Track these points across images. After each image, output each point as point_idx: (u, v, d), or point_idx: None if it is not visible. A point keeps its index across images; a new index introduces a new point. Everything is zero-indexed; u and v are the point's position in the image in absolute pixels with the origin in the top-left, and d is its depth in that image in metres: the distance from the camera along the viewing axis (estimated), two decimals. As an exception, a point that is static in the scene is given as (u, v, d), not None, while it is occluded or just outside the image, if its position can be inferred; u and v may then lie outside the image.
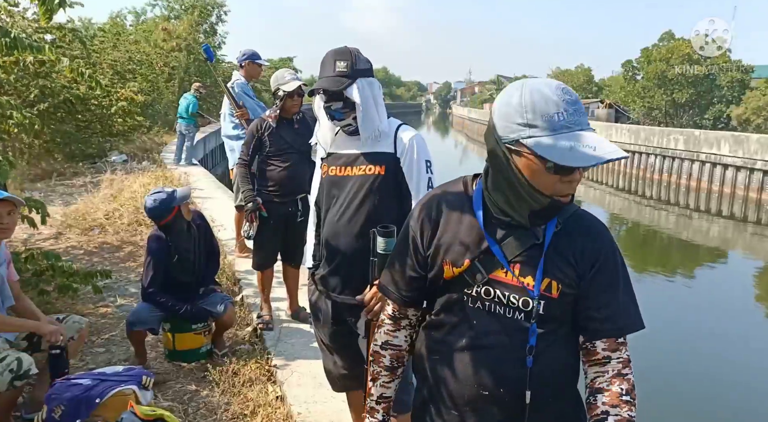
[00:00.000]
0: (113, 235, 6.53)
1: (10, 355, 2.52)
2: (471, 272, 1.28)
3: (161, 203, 3.33)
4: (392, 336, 1.46)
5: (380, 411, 1.48)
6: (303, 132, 3.74)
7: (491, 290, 1.26)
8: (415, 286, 1.39)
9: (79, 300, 4.46)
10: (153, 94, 18.50)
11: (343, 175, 2.09)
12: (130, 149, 13.40)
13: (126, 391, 2.57)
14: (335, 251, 2.10)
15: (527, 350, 1.23)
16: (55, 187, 9.77)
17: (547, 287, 1.23)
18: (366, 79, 2.02)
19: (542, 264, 1.23)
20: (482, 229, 1.28)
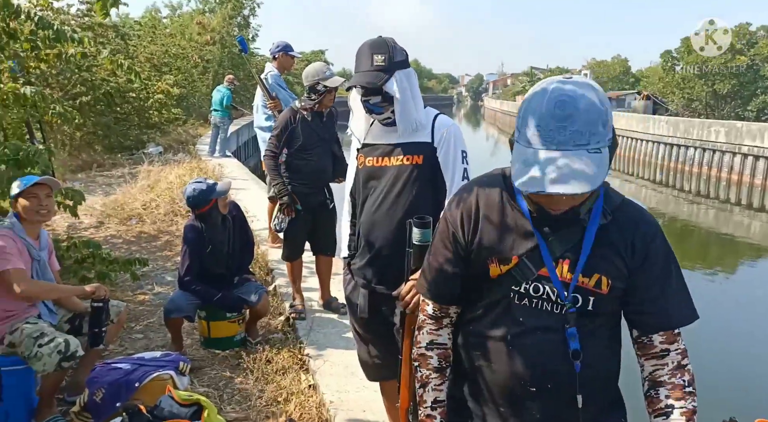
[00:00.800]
0: (150, 225, 6.68)
1: (58, 337, 2.61)
2: (519, 270, 1.23)
3: (200, 193, 3.40)
4: (436, 334, 1.39)
5: (437, 418, 1.38)
6: (329, 124, 3.85)
7: (540, 287, 1.22)
8: (456, 283, 1.34)
9: (118, 288, 4.59)
10: (188, 87, 18.81)
11: (381, 165, 2.07)
12: (166, 141, 13.68)
13: (164, 376, 2.64)
14: (373, 241, 2.09)
15: (577, 345, 1.20)
16: (95, 178, 10.04)
17: (596, 283, 1.19)
18: (403, 72, 2.00)
19: (585, 260, 1.19)
20: (530, 223, 1.23)
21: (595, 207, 1.21)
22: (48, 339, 2.58)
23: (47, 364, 2.54)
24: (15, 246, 2.64)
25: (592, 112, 1.08)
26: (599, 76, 45.47)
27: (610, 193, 1.25)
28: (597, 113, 1.08)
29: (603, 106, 1.10)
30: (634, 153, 24.89)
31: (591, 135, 1.07)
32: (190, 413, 2.33)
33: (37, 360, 2.55)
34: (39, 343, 2.56)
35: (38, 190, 2.74)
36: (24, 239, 2.72)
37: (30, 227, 2.78)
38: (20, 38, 3.99)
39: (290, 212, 3.78)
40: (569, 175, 1.05)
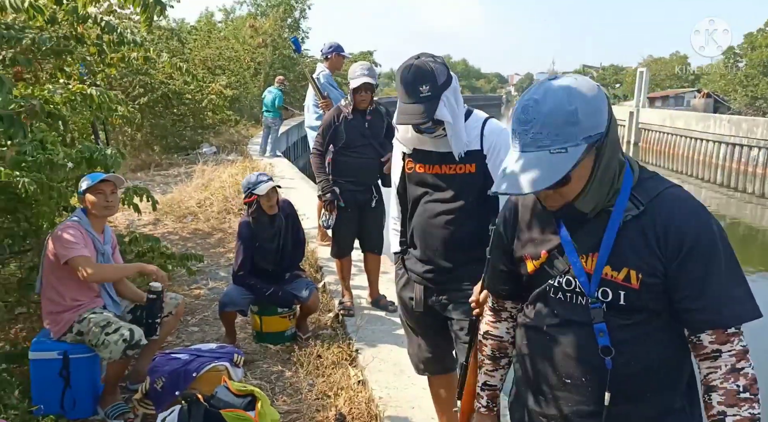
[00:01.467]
0: (204, 222, 6.90)
1: (123, 326, 2.74)
2: (550, 264, 1.28)
3: (247, 183, 3.54)
4: (492, 326, 1.49)
5: (484, 398, 1.51)
6: (376, 123, 3.87)
7: (571, 281, 1.25)
8: (508, 279, 1.41)
9: (175, 282, 4.76)
10: (240, 88, 19.28)
11: (432, 172, 2.07)
12: (220, 142, 14.07)
13: (219, 367, 2.72)
14: (428, 243, 2.11)
15: (605, 341, 1.20)
16: (153, 177, 10.44)
17: (626, 277, 1.18)
18: (449, 90, 1.91)
19: (608, 253, 1.19)
20: (554, 220, 1.27)
21: (619, 200, 1.20)
22: (114, 328, 2.71)
23: (113, 352, 2.67)
24: (81, 237, 2.78)
25: (556, 114, 1.11)
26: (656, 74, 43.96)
27: (648, 184, 1.22)
28: (562, 115, 1.11)
29: (573, 105, 1.11)
30: (692, 153, 23.93)
31: (554, 136, 1.11)
32: (244, 403, 2.40)
33: (104, 347, 2.69)
34: (106, 331, 2.70)
35: (104, 187, 2.88)
36: (90, 233, 2.87)
37: (96, 222, 2.92)
38: (87, 43, 4.19)
39: (333, 209, 3.83)
40: (519, 175, 1.12)
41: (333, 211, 3.84)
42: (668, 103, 38.13)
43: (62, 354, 2.74)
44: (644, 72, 29.76)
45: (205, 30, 21.49)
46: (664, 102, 38.77)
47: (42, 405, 2.71)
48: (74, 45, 4.09)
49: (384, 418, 2.72)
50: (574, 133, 1.11)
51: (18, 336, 3.46)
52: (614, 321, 1.20)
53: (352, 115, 3.81)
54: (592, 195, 1.19)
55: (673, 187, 1.22)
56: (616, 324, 1.20)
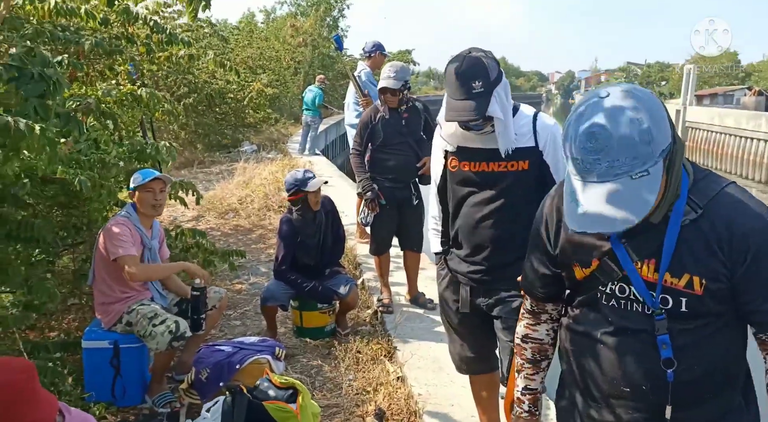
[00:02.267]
0: (245, 219, 7.03)
1: (170, 318, 2.83)
2: (602, 271, 1.23)
3: (294, 180, 3.58)
4: (532, 329, 1.45)
5: (526, 402, 1.48)
6: (412, 120, 3.87)
7: (625, 288, 1.21)
8: (549, 282, 1.37)
9: (217, 277, 4.87)
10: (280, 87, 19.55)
11: (479, 170, 2.01)
12: (260, 140, 14.30)
13: (261, 360, 2.79)
14: (475, 242, 2.07)
15: (669, 353, 1.17)
16: (196, 174, 10.68)
17: (688, 284, 1.14)
18: (500, 86, 1.87)
19: (669, 259, 1.15)
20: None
21: (678, 204, 1.14)
22: (161, 320, 2.80)
23: (160, 343, 2.75)
24: (129, 234, 2.88)
25: (630, 136, 1.02)
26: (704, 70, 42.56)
27: (702, 184, 1.17)
28: (637, 135, 1.02)
29: (645, 123, 1.03)
30: (742, 152, 23.02)
31: (633, 160, 1.03)
32: (286, 395, 2.44)
33: (151, 338, 2.78)
34: (153, 323, 2.79)
35: (154, 185, 2.97)
36: (138, 228, 2.96)
37: (144, 218, 3.01)
38: (137, 42, 4.33)
39: (374, 207, 3.85)
40: (604, 209, 1.05)
41: (375, 209, 3.86)
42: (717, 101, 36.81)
43: (113, 343, 2.85)
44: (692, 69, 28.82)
45: (247, 30, 21.86)
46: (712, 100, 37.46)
47: (93, 392, 2.83)
48: (125, 45, 4.23)
49: (423, 415, 2.73)
50: (651, 152, 1.04)
51: (71, 326, 3.61)
52: (674, 327, 1.17)
53: (388, 113, 3.83)
54: (664, 205, 1.14)
55: (729, 185, 1.17)
56: (675, 330, 1.17)
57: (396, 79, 3.73)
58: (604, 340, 1.24)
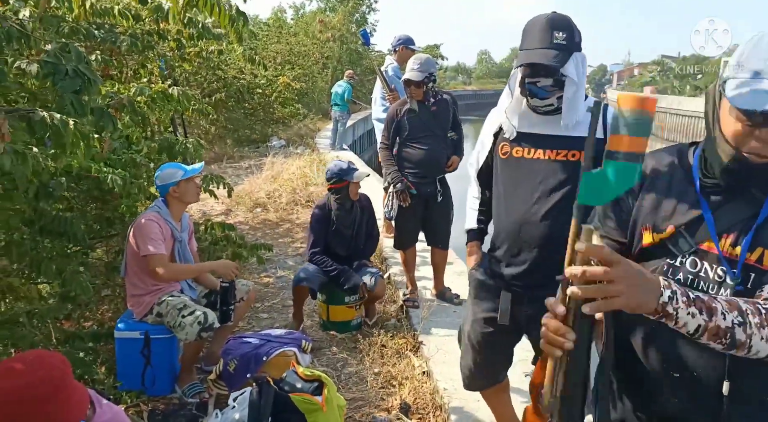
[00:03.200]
0: (273, 213, 7.11)
1: (198, 310, 2.88)
2: (675, 240, 1.15)
3: (339, 170, 3.65)
4: None
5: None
6: (441, 115, 3.82)
7: (697, 263, 1.13)
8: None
9: (245, 270, 4.94)
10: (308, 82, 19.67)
11: (534, 158, 1.86)
12: (288, 135, 14.42)
13: (288, 352, 2.81)
14: (523, 239, 1.89)
15: None
16: (225, 169, 10.83)
17: (759, 258, 1.07)
18: (580, 54, 1.76)
19: (752, 234, 1.08)
20: (698, 193, 1.15)
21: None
22: (190, 311, 2.85)
23: (189, 333, 2.81)
24: (160, 230, 2.92)
25: None
26: (741, 62, 41.17)
27: None
28: None
29: None
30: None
31: None
32: (312, 388, 2.46)
33: (180, 329, 2.83)
34: (182, 314, 2.84)
35: (195, 176, 3.05)
36: (169, 222, 3.02)
37: (175, 211, 3.07)
38: (168, 38, 4.40)
39: (405, 198, 3.83)
40: None
41: (406, 201, 3.84)
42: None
43: (144, 333, 2.91)
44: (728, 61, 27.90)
45: (276, 26, 22.04)
46: (751, 93, 36.21)
47: (125, 381, 2.90)
48: (156, 40, 4.30)
49: (449, 410, 2.72)
50: None
51: (104, 316, 3.71)
52: None
53: (416, 106, 3.81)
54: None
55: None
56: None
57: (419, 72, 3.71)
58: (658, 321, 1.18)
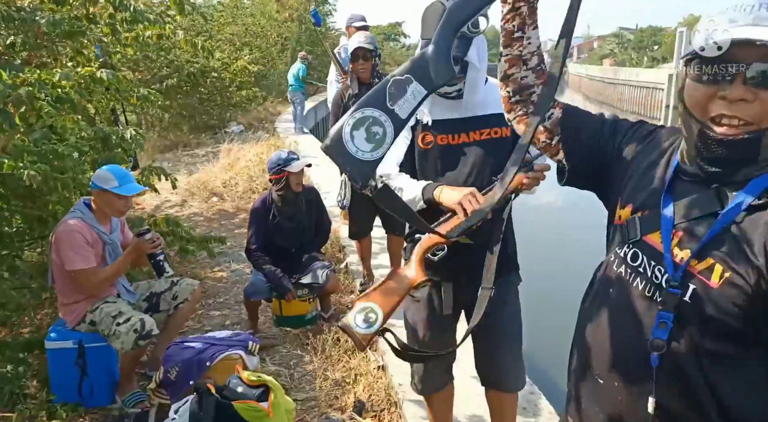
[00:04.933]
0: (230, 202, 6.88)
1: (135, 316, 2.69)
2: (627, 225, 1.04)
3: (277, 159, 3.48)
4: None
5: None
6: None
7: (639, 255, 1.01)
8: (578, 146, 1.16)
9: (198, 264, 4.74)
10: (267, 64, 19.17)
11: (458, 143, 1.84)
12: (247, 120, 14.06)
13: (233, 356, 2.66)
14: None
15: (651, 344, 0.95)
16: (181, 157, 10.49)
17: (707, 269, 0.91)
18: (480, 37, 1.74)
19: (707, 238, 0.92)
20: (667, 178, 1.01)
21: (757, 180, 0.91)
22: (125, 318, 2.66)
23: (125, 342, 2.63)
24: (84, 239, 2.66)
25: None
26: (697, 34, 41.91)
27: None
28: None
29: None
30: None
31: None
32: (257, 394, 2.32)
33: (115, 338, 2.65)
34: (117, 322, 2.66)
35: None
36: (94, 227, 2.74)
37: (101, 215, 2.81)
38: (100, 23, 4.11)
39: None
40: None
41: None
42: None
43: (77, 343, 2.72)
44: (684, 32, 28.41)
45: (231, 6, 21.35)
46: (706, 64, 36.96)
47: (60, 393, 2.71)
48: (87, 25, 4.02)
49: (404, 406, 2.62)
50: None
51: (43, 322, 3.48)
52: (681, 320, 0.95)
53: (357, 90, 3.64)
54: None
55: None
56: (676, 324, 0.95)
57: (367, 43, 3.55)
58: (596, 316, 1.07)
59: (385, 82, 1.08)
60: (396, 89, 1.07)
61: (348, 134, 1.08)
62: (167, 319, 3.05)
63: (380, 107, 1.07)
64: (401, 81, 1.08)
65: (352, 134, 1.07)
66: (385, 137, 1.07)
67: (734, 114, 0.89)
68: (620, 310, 1.03)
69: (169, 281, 3.07)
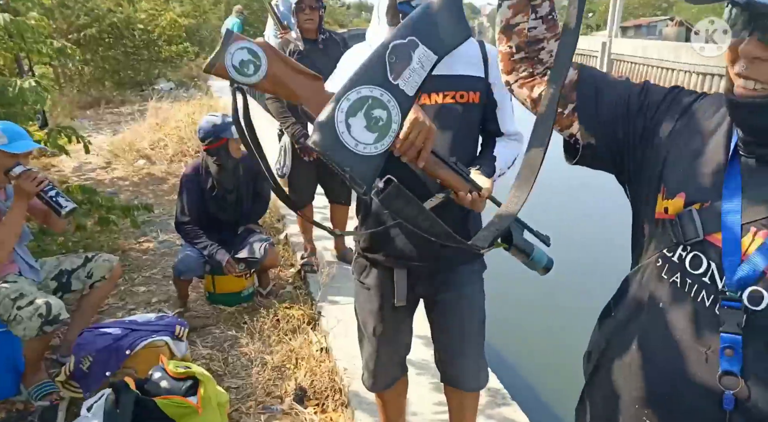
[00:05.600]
0: (158, 166, 6.38)
1: (39, 298, 2.33)
2: (679, 222, 0.81)
3: (213, 127, 3.07)
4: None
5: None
6: (333, 56, 3.29)
7: (702, 260, 0.79)
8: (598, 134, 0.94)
9: (121, 235, 4.33)
10: (199, 18, 18.02)
11: (432, 104, 1.58)
12: (178, 77, 13.21)
13: (158, 343, 2.37)
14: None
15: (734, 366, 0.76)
16: (104, 115, 9.70)
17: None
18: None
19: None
20: (728, 159, 0.81)
21: None
22: (28, 301, 2.30)
23: (27, 329, 2.27)
24: None
25: None
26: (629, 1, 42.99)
27: None
28: None
29: None
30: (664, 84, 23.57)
31: None
32: (184, 388, 2.06)
33: (17, 323, 2.29)
34: (18, 305, 2.29)
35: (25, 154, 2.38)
36: None
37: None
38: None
39: (311, 153, 3.35)
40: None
41: (311, 156, 3.35)
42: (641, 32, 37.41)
43: (-28, 330, 2.35)
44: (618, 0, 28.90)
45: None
46: (636, 31, 38.03)
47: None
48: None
49: (349, 393, 2.42)
50: None
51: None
52: (751, 338, 0.76)
53: (302, 46, 3.29)
54: None
55: None
56: (753, 344, 0.76)
57: None
58: (642, 340, 0.86)
59: (382, 51, 0.83)
60: (398, 57, 0.83)
61: (343, 124, 0.82)
62: (81, 300, 2.70)
63: (380, 83, 0.82)
64: (403, 46, 0.84)
65: (348, 122, 0.82)
66: (391, 123, 0.83)
67: (749, 75, 0.74)
68: (677, 333, 0.81)
69: (83, 257, 2.71)
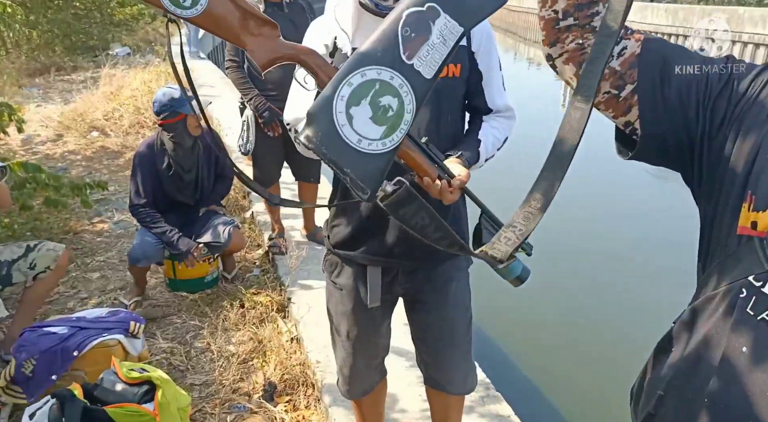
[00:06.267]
0: (114, 138, 6.00)
1: (-26, 294, 2.09)
2: (750, 248, 0.66)
3: (170, 101, 2.78)
4: None
5: None
6: (297, 21, 3.00)
7: None
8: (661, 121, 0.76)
9: (73, 215, 4.03)
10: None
11: None
12: (134, 41, 12.55)
13: (110, 342, 2.16)
14: None
15: None
16: (54, 83, 9.15)
17: None
18: None
19: None
20: None
21: None
22: (-41, 299, 2.06)
23: (-41, 330, 2.03)
24: None
25: None
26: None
27: None
28: None
29: None
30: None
31: None
32: (139, 394, 1.86)
33: (-54, 324, 2.04)
34: (-53, 304, 2.04)
35: None
36: None
37: None
38: None
39: (276, 128, 3.10)
40: None
41: (277, 130, 3.09)
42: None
43: None
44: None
45: None
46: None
47: None
48: None
49: (322, 388, 2.26)
50: None
51: None
52: None
53: (264, 6, 3.00)
54: None
55: None
56: None
57: None
58: (713, 387, 0.70)
59: (395, 20, 0.65)
60: (414, 29, 0.65)
61: (344, 115, 0.65)
62: (23, 293, 2.45)
63: (390, 64, 0.65)
64: (421, 15, 0.66)
65: (350, 113, 0.65)
66: (403, 113, 0.67)
67: None
68: (758, 384, 0.65)
69: (24, 247, 2.45)
